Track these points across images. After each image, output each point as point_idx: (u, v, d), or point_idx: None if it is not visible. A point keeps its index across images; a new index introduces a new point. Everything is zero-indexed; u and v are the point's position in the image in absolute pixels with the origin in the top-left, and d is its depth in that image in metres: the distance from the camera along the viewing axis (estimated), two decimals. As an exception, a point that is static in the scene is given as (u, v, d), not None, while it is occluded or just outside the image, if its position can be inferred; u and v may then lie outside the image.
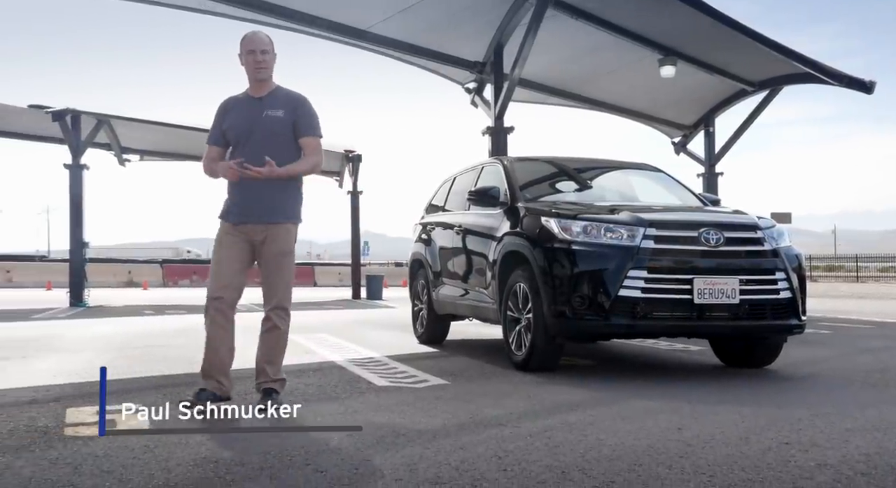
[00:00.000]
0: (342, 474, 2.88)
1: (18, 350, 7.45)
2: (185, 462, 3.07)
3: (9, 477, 2.86)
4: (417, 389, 4.94)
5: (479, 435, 3.56)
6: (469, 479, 2.80)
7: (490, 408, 4.23)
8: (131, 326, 10.86)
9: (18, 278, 32.27)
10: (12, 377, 5.58)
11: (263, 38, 4.19)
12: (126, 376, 5.65)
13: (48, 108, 16.75)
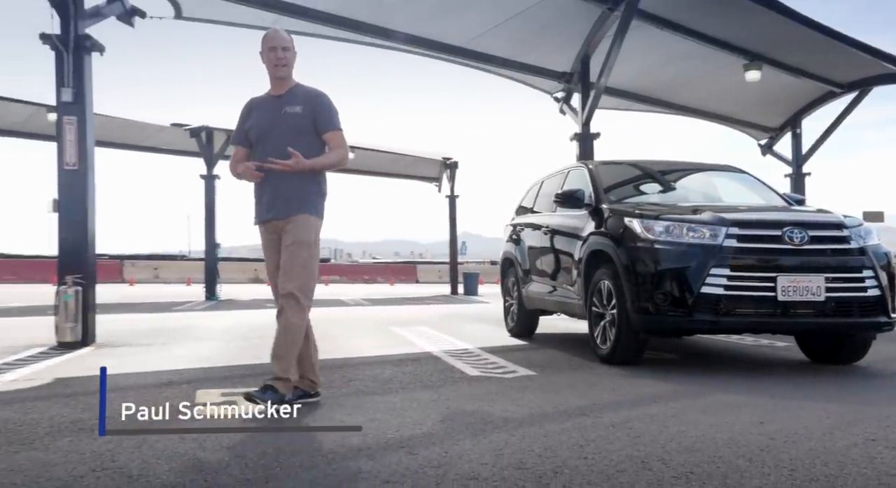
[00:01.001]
0: (432, 456, 2.85)
1: (161, 337, 7.78)
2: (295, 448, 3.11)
3: (146, 450, 2.96)
4: (506, 379, 4.88)
5: (563, 424, 3.47)
6: (551, 466, 2.72)
7: (574, 399, 4.13)
8: (254, 318, 11.17)
9: (163, 275, 33.79)
10: (154, 361, 5.82)
11: (285, 36, 3.97)
12: (247, 362, 5.82)
13: (187, 126, 17.47)
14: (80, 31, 7.34)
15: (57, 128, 7.32)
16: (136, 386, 4.64)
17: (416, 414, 3.70)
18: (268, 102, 3.98)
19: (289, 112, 3.88)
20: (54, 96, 7.34)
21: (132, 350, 6.68)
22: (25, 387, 4.56)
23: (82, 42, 7.36)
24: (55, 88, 7.32)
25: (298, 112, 3.88)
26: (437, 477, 2.58)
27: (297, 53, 3.99)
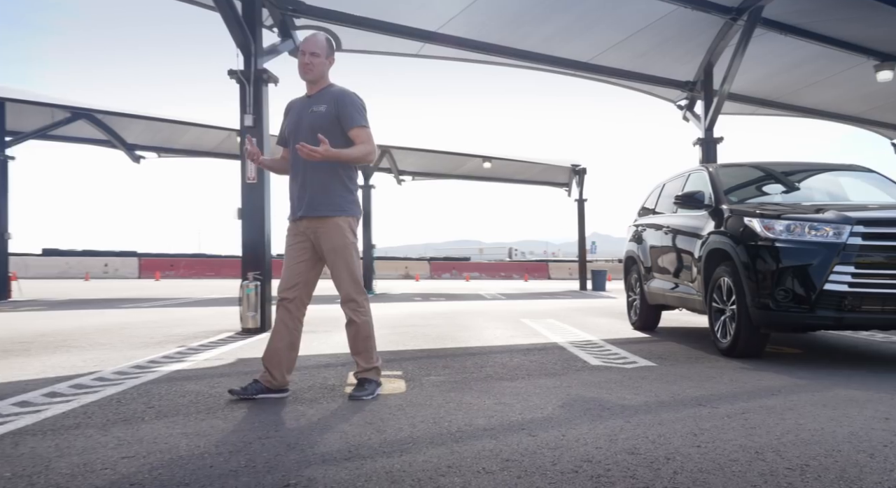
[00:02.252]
0: (550, 438, 2.79)
1: (326, 325, 8.12)
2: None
3: (303, 421, 3.10)
4: (626, 369, 4.71)
5: (678, 413, 3.30)
6: (664, 452, 2.60)
7: (691, 389, 3.92)
8: (404, 309, 11.45)
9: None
10: (318, 346, 6.09)
11: (319, 40, 3.75)
12: (396, 349, 5.95)
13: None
14: (258, 67, 7.81)
15: (240, 148, 7.81)
16: (301, 366, 4.85)
17: (538, 399, 3.65)
18: (300, 103, 3.83)
19: (314, 111, 3.71)
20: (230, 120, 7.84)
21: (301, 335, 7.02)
22: (213, 366, 4.89)
23: (260, 75, 7.82)
24: (239, 115, 7.82)
25: (322, 111, 3.69)
26: (553, 458, 2.52)
27: (333, 61, 3.81)
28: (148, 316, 9.63)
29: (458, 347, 6.01)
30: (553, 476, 2.31)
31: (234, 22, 7.52)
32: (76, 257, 32.13)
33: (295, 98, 3.91)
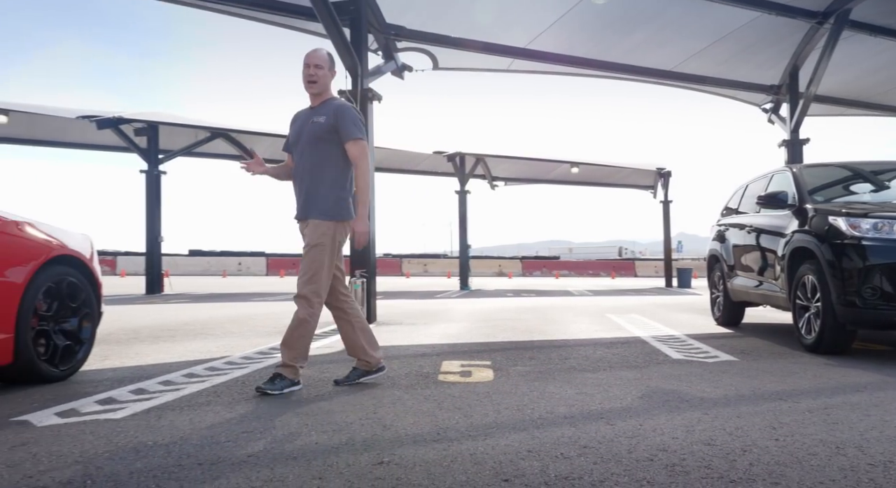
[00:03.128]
0: (628, 427, 2.70)
1: (424, 318, 8.25)
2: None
3: (399, 406, 3.14)
4: (707, 363, 4.49)
5: (758, 406, 3.11)
6: (740, 444, 2.45)
7: (772, 384, 3.69)
8: (496, 304, 11.42)
9: (431, 269, 35.81)
10: (416, 336, 6.18)
11: (321, 54, 3.67)
12: (486, 340, 5.94)
13: (444, 153, 18.35)
14: (364, 86, 8.00)
15: (348, 159, 8.04)
16: (400, 355, 4.94)
17: (618, 390, 3.54)
18: (305, 114, 3.74)
19: (315, 121, 3.61)
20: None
21: (402, 327, 7.14)
22: (324, 353, 5.05)
23: (366, 94, 8.01)
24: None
25: (322, 121, 3.59)
26: (629, 446, 2.44)
27: (335, 73, 3.73)
28: (272, 308, 10.07)
29: (545, 340, 5.93)
30: (628, 463, 2.23)
31: (344, 48, 7.74)
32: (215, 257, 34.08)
33: (301, 109, 3.82)
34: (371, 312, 7.66)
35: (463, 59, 10.69)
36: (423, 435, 2.59)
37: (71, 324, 3.95)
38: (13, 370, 3.55)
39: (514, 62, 10.92)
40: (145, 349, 5.27)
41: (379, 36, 9.12)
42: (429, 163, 19.65)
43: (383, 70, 9.25)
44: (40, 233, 3.84)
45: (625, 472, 2.13)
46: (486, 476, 2.10)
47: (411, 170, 20.38)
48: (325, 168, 3.59)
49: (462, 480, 2.06)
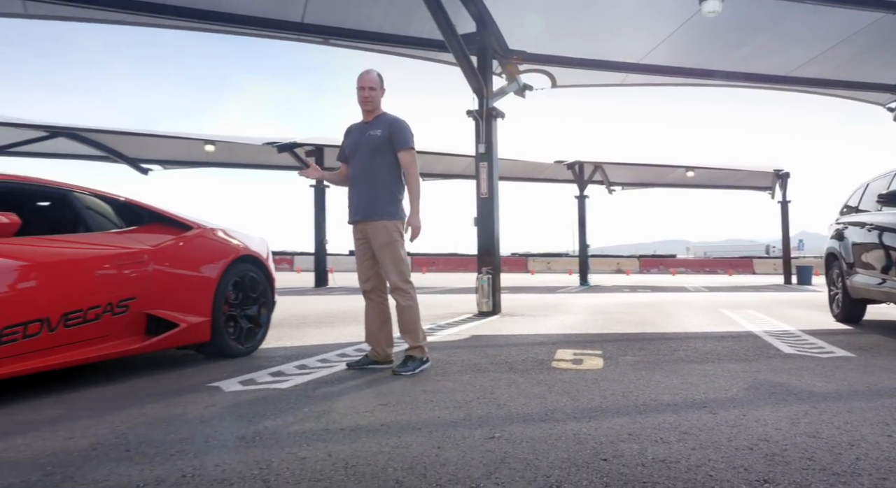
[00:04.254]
0: (730, 417, 2.50)
1: (544, 310, 8.14)
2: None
3: (513, 388, 3.12)
4: (821, 358, 4.04)
5: (872, 402, 2.76)
6: (848, 438, 2.19)
7: (890, 381, 3.24)
8: (612, 299, 11.02)
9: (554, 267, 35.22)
10: (535, 327, 6.12)
11: (373, 77, 3.66)
12: (600, 331, 5.76)
13: (564, 161, 17.99)
14: (489, 106, 8.06)
15: (476, 170, 8.14)
16: (519, 343, 4.92)
17: (724, 381, 3.29)
18: (358, 127, 3.74)
19: (371, 134, 3.63)
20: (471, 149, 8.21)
21: (523, 318, 7.11)
22: (452, 340, 5.15)
23: (491, 113, 8.07)
24: (475, 144, 8.15)
25: (378, 135, 3.61)
26: (730, 434, 2.26)
27: (384, 90, 3.72)
28: (413, 300, 10.41)
29: (656, 332, 5.63)
30: (727, 451, 2.08)
31: (472, 74, 7.84)
32: (369, 256, 35.78)
33: (353, 123, 3.82)
34: (496, 305, 7.69)
35: (579, 77, 10.43)
36: (532, 415, 2.57)
37: (252, 310, 4.33)
38: (210, 347, 3.96)
39: (627, 76, 10.48)
40: (310, 332, 5.66)
41: (502, 60, 9.14)
42: (550, 171, 19.36)
43: (506, 90, 9.25)
44: (229, 238, 4.26)
45: (722, 459, 1.99)
46: (586, 454, 2.05)
47: (534, 178, 20.19)
48: (382, 175, 3.62)
49: (563, 457, 2.03)
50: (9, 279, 2.80)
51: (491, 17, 8.09)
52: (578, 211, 18.58)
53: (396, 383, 3.27)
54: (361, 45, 8.86)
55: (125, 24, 8.16)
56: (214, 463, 1.95)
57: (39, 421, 2.46)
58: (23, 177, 3.32)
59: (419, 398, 2.90)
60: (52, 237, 3.22)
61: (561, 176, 19.35)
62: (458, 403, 2.79)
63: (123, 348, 3.34)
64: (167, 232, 3.86)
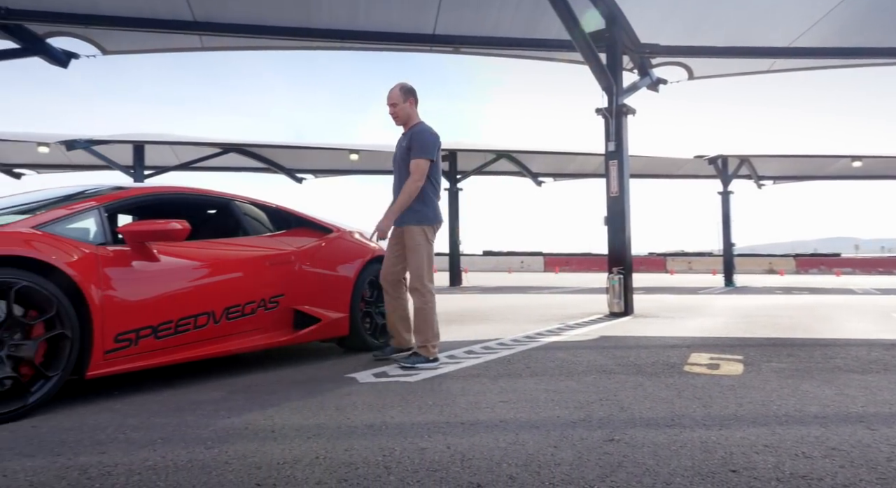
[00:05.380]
0: (893, 434, 2.16)
1: (681, 312, 7.63)
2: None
3: (639, 391, 2.95)
4: None
5: None
6: None
7: None
8: (760, 301, 10.02)
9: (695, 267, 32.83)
10: (669, 328, 5.76)
11: (395, 93, 3.81)
12: (741, 335, 5.28)
13: (705, 156, 16.72)
14: (619, 103, 7.74)
15: (605, 168, 7.85)
16: (650, 345, 4.66)
17: (889, 394, 2.85)
18: (399, 140, 3.93)
19: (401, 146, 3.84)
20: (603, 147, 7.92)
21: (657, 320, 6.72)
22: (580, 340, 5.01)
23: (621, 109, 7.74)
24: (604, 142, 7.87)
25: (404, 146, 3.80)
26: (889, 454, 1.96)
27: (413, 100, 3.84)
28: (544, 300, 10.29)
29: (809, 338, 5.03)
30: (885, 471, 1.80)
31: (600, 71, 7.58)
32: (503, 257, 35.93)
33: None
34: (628, 305, 7.34)
35: (719, 66, 9.64)
36: (657, 420, 2.42)
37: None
38: (348, 341, 4.23)
39: (775, 62, 9.48)
40: (442, 329, 5.79)
41: (633, 55, 8.72)
42: (689, 167, 18.07)
43: (638, 85, 8.82)
44: (365, 240, 4.51)
45: (878, 480, 1.74)
46: (713, 463, 1.89)
47: (672, 175, 18.99)
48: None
49: (688, 464, 1.89)
50: (183, 277, 3.21)
51: (621, 12, 7.76)
52: (722, 207, 17.15)
53: (520, 382, 3.26)
54: (489, 51, 8.95)
55: (283, 49, 9.00)
56: (344, 448, 2.08)
57: (205, 402, 2.79)
58: (192, 188, 3.79)
59: (540, 397, 2.87)
60: (216, 240, 3.63)
61: (702, 171, 18.00)
62: (580, 403, 2.71)
63: (274, 340, 3.67)
64: (311, 235, 4.18)
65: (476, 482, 1.77)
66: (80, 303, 2.67)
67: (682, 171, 18.70)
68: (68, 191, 3.43)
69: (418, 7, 7.87)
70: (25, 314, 2.53)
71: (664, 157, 16.73)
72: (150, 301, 3.00)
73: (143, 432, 2.28)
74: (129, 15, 7.54)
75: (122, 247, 2.99)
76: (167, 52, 8.84)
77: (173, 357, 3.10)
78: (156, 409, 2.65)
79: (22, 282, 2.47)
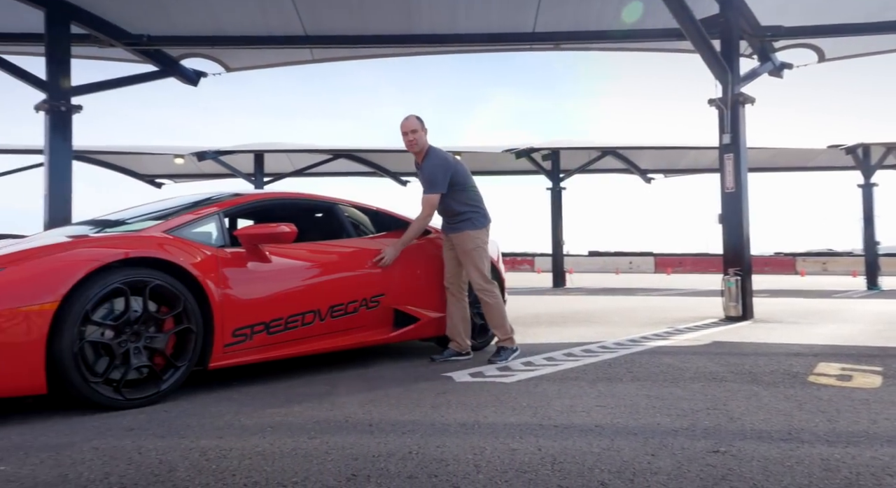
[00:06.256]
0: None
1: (809, 318, 6.98)
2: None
3: (753, 401, 2.74)
4: None
5: None
6: None
7: None
8: (911, 307, 8.89)
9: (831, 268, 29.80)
10: (793, 336, 5.30)
11: (411, 122, 3.89)
12: (883, 345, 4.73)
13: (842, 146, 15.14)
14: (734, 92, 7.24)
15: (719, 162, 7.37)
16: (770, 353, 4.31)
17: None
18: (418, 167, 4.03)
19: (423, 175, 3.97)
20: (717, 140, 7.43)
21: (780, 325, 6.19)
22: (690, 345, 4.74)
23: (737, 99, 7.24)
24: (718, 135, 7.39)
25: (420, 177, 4.00)
26: None
27: (426, 130, 3.94)
28: (652, 302, 9.83)
29: (968, 350, 4.40)
30: None
31: (713, 60, 7.12)
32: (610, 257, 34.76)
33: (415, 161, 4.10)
34: (746, 309, 6.82)
35: (855, 45, 8.69)
36: (771, 433, 2.25)
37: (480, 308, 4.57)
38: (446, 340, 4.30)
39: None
40: (541, 331, 5.75)
41: (753, 40, 8.09)
42: (823, 158, 16.44)
43: (758, 72, 8.18)
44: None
45: None
46: (835, 483, 1.73)
47: (803, 167, 17.39)
48: (448, 203, 3.95)
49: (803, 483, 1.74)
50: (292, 277, 3.44)
51: (736, -6, 7.26)
52: (863, 202, 15.40)
53: (619, 386, 3.15)
54: (591, 45, 8.72)
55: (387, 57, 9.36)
56: (436, 444, 2.14)
57: (311, 395, 2.98)
58: (300, 193, 4.05)
59: (640, 403, 2.76)
60: (322, 242, 3.85)
61: (838, 162, 16.30)
62: (683, 412, 2.58)
63: (375, 338, 3.83)
64: (410, 236, 4.31)
65: (565, 486, 1.74)
66: (202, 300, 2.96)
67: (814, 163, 17.06)
68: (195, 197, 3.80)
69: (517, 6, 7.84)
70: (158, 309, 2.84)
71: (793, 148, 15.38)
72: (263, 299, 3.24)
73: (255, 420, 2.48)
74: (249, 34, 8.19)
75: (238, 249, 3.26)
76: (282, 66, 9.49)
77: (283, 352, 3.33)
78: (267, 400, 2.86)
79: (155, 280, 2.78)
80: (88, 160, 16.00)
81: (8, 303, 2.42)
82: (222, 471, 1.86)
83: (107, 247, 2.75)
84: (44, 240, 2.93)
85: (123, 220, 3.54)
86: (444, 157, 3.96)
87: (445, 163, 3.93)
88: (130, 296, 2.71)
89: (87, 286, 2.58)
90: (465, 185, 3.99)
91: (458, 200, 3.96)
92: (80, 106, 7.33)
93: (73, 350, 2.51)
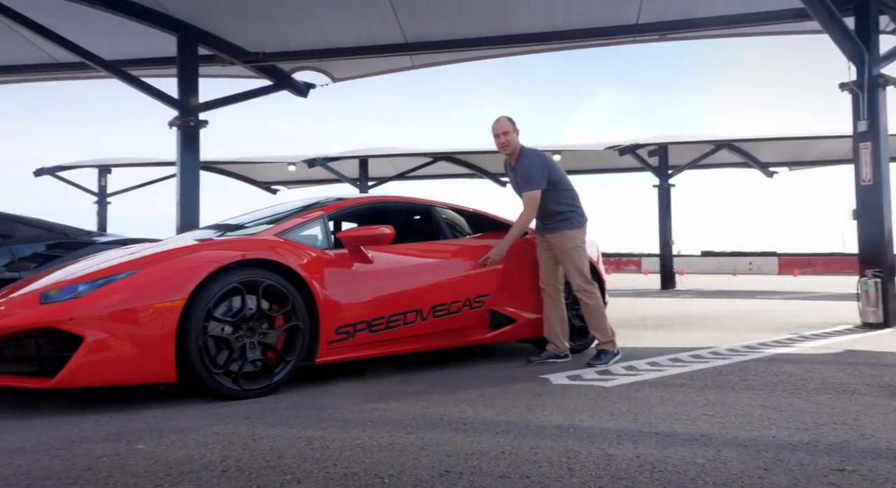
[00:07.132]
0: None
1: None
2: None
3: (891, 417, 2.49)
4: None
5: None
6: None
7: None
8: None
9: None
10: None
11: (503, 123, 3.87)
12: None
13: None
14: (873, 74, 6.54)
15: (854, 152, 6.68)
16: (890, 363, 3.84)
17: None
18: (511, 169, 4.03)
19: (515, 180, 3.99)
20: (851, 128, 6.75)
21: (929, 335, 5.49)
22: (817, 353, 4.34)
23: (875, 81, 6.53)
24: (852, 122, 6.71)
25: (517, 180, 3.95)
26: None
27: (518, 131, 3.91)
28: (774, 306, 9.08)
29: None
30: None
31: (845, 38, 6.48)
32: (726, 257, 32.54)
33: (507, 162, 4.07)
34: (888, 315, 6.10)
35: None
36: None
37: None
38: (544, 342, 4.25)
39: None
40: (646, 334, 5.52)
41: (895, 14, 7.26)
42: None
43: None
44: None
45: None
46: None
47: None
48: (545, 203, 3.89)
49: (947, 513, 1.54)
50: (393, 277, 3.56)
51: (873, -37, 6.55)
52: None
53: (731, 395, 2.95)
54: (700, 33, 8.21)
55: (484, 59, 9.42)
56: (530, 446, 2.12)
57: (409, 393, 3.07)
58: (398, 196, 4.19)
59: (754, 413, 2.57)
60: (421, 243, 3.96)
61: None
62: (805, 425, 2.37)
63: (475, 338, 3.87)
64: (507, 237, 4.31)
65: (665, 496, 1.67)
66: (308, 299, 3.14)
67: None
68: (304, 202, 4.05)
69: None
70: (270, 307, 3.05)
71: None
72: (365, 298, 3.38)
73: (356, 414, 2.60)
74: (353, 44, 8.59)
75: (341, 251, 3.43)
76: (383, 74, 9.84)
77: (384, 349, 3.46)
78: (367, 396, 2.99)
79: (267, 280, 3.00)
80: (214, 170, 17.56)
81: (147, 300, 2.72)
82: (325, 460, 1.97)
83: (226, 249, 3.01)
84: (175, 244, 3.26)
85: (241, 224, 3.85)
86: (539, 155, 3.95)
87: (542, 160, 3.92)
88: (246, 294, 2.94)
89: (210, 285, 2.83)
90: (562, 184, 3.96)
91: (554, 200, 3.93)
92: (206, 121, 8.05)
93: (198, 343, 2.77)
